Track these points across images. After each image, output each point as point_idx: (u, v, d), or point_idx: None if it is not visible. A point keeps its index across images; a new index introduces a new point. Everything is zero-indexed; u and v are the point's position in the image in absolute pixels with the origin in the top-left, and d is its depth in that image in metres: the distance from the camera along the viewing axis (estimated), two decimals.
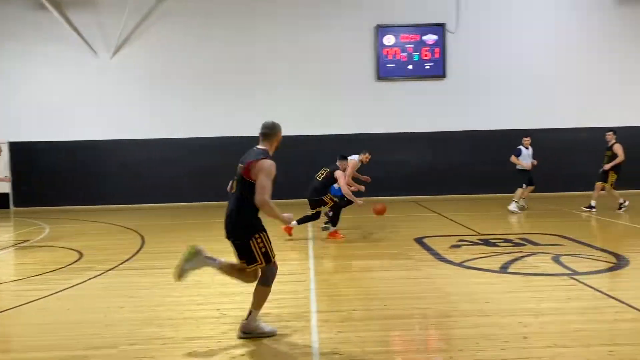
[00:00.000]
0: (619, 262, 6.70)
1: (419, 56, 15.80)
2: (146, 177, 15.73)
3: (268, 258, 4.34)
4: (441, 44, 15.74)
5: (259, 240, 4.29)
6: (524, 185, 12.19)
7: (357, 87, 15.94)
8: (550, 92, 15.87)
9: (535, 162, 12.41)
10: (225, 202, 4.53)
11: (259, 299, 4.41)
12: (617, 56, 15.91)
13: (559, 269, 6.41)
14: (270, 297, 4.49)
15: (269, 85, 15.79)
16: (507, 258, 7.08)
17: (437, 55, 15.78)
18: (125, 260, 7.65)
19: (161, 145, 15.79)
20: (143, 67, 15.79)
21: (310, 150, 15.44)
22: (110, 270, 7.07)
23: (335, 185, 9.03)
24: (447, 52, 15.83)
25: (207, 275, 6.30)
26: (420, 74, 15.87)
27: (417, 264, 6.95)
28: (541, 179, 13.68)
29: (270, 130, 4.55)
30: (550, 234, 8.86)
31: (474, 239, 8.68)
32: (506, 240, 8.42)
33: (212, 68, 15.81)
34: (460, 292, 5.58)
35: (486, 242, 8.30)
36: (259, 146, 4.51)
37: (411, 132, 15.92)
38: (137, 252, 8.35)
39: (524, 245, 8.01)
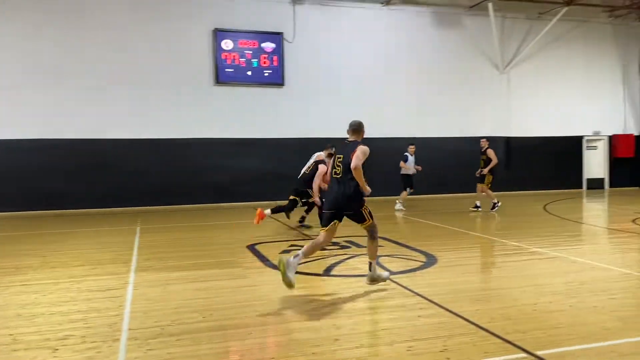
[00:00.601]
0: (428, 261, 7.29)
1: (258, 63, 15.87)
2: None
3: (372, 216, 5.81)
4: (279, 52, 16.00)
5: (366, 207, 5.81)
6: (407, 189, 13.45)
7: (195, 91, 15.52)
8: (377, 103, 16.99)
9: (419, 167, 13.52)
10: None
11: (372, 251, 5.86)
12: (438, 74, 17.62)
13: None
14: (77, 316, 4.13)
15: (102, 88, 14.78)
16: (332, 261, 7.32)
17: (275, 63, 15.99)
18: None
19: None
20: None
21: (144, 155, 14.76)
22: None
23: None
24: (285, 61, 16.13)
25: (3, 296, 5.55)
26: (259, 81, 15.95)
27: (244, 272, 6.86)
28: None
29: (358, 127, 6.07)
30: None
31: (304, 243, 8.83)
32: (334, 244, 8.71)
33: (43, 68, 14.35)
34: (282, 299, 5.58)
35: None
36: (350, 139, 5.97)
37: (251, 138, 15.93)
38: None
39: (349, 247, 8.37)
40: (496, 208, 12.88)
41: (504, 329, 4.45)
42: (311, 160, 10.78)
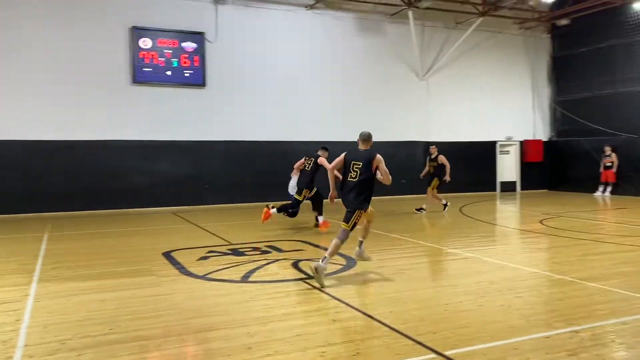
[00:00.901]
0: (348, 264, 7.33)
1: (178, 63, 15.42)
2: None
3: (354, 226, 6.65)
4: (201, 52, 15.62)
5: (359, 215, 6.61)
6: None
7: (111, 91, 14.82)
8: (301, 106, 17.00)
9: None
10: None
11: (366, 232, 7.10)
12: (360, 79, 17.90)
13: (295, 274, 6.71)
14: None
15: (13, 86, 13.88)
16: (250, 267, 7.17)
17: (196, 64, 15.60)
18: None
19: None
20: None
21: (55, 157, 13.95)
22: None
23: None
24: (207, 62, 15.78)
25: None
26: (180, 81, 15.50)
27: (158, 280, 6.57)
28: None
29: (368, 137, 6.94)
30: (295, 240, 9.35)
31: (224, 249, 8.65)
32: (255, 249, 8.58)
33: None
34: (196, 307, 5.39)
35: (235, 252, 8.34)
36: (362, 148, 6.86)
37: (170, 140, 15.44)
38: None
39: (270, 252, 8.26)
40: (446, 209, 13.65)
41: (417, 330, 4.51)
42: (302, 160, 10.87)
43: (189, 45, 15.51)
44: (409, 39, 18.16)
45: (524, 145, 20.92)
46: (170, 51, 15.31)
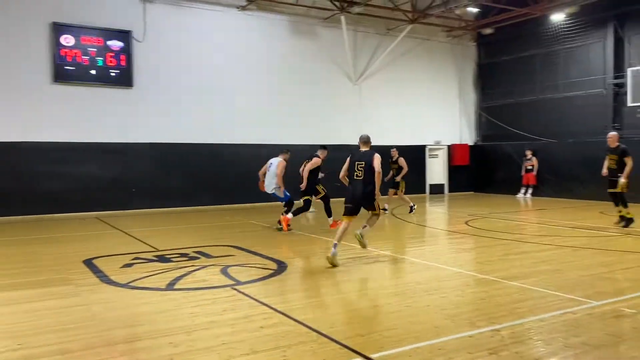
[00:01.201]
0: (279, 268, 7.23)
1: (104, 62, 14.77)
2: None
3: (379, 208, 7.61)
4: (128, 51, 15.04)
5: (380, 209, 7.64)
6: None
7: (30, 90, 13.97)
8: (233, 108, 16.75)
9: (323, 174, 13.94)
10: None
11: (373, 223, 7.81)
12: (294, 82, 17.86)
13: (224, 281, 6.53)
14: None
15: None
16: (177, 274, 6.92)
17: (123, 63, 15.01)
18: None
19: None
20: None
21: None
22: None
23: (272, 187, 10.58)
24: (135, 61, 15.22)
25: None
26: (105, 81, 14.85)
27: (76, 290, 6.20)
28: (223, 193, 14.37)
29: (368, 139, 7.87)
30: (225, 245, 9.15)
31: (150, 255, 8.31)
32: (182, 255, 8.31)
33: None
34: (118, 318, 5.12)
35: (161, 259, 8.03)
36: (363, 149, 7.77)
37: (94, 142, 14.75)
38: None
39: (198, 258, 8.02)
40: (413, 211, 14.02)
41: (344, 334, 4.49)
42: (275, 164, 11.16)
43: (115, 44, 14.89)
44: (342, 43, 18.34)
45: (452, 149, 21.64)
46: (95, 49, 14.64)
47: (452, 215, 14.88)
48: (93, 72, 14.64)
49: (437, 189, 21.49)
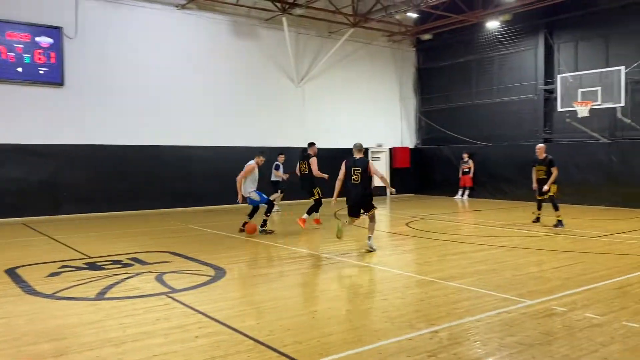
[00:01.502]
0: (217, 275, 7.01)
1: (31, 59, 13.98)
2: None
3: (374, 206, 8.65)
4: (58, 48, 14.31)
5: (375, 207, 8.68)
6: (279, 191, 14.86)
7: None
8: (171, 109, 16.28)
9: (287, 175, 14.65)
10: None
11: (372, 228, 8.69)
12: (236, 83, 17.59)
13: (158, 288, 6.26)
14: None
15: None
16: (109, 282, 6.57)
17: (53, 60, 14.28)
18: None
19: None
20: None
21: None
22: None
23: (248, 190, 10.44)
24: (66, 59, 14.51)
25: None
26: (32, 79, 14.06)
27: None
28: (163, 196, 13.93)
29: (361, 147, 8.64)
30: (162, 251, 8.82)
31: (79, 263, 7.88)
32: (115, 262, 7.93)
33: None
34: (41, 331, 4.77)
35: (92, 266, 7.63)
36: (357, 156, 8.58)
37: (22, 144, 13.94)
38: None
39: (132, 265, 7.67)
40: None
41: (283, 341, 4.37)
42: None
43: (44, 41, 14.13)
44: (284, 45, 18.23)
45: (393, 152, 21.97)
46: (22, 46, 13.84)
47: (394, 217, 15.06)
48: (19, 69, 13.84)
49: (379, 191, 21.62)
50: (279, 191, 15.04)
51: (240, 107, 17.69)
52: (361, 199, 8.49)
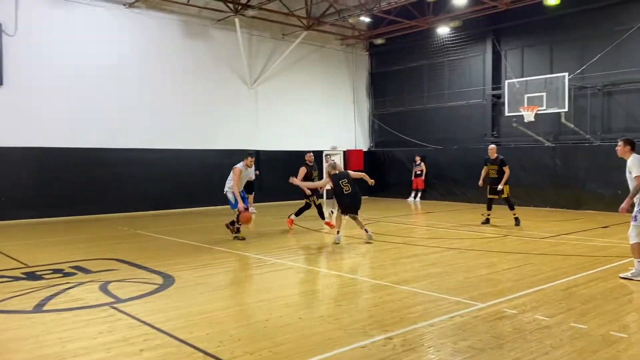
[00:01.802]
0: (165, 283, 6.76)
1: None
2: None
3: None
4: None
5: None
6: (253, 193, 15.02)
7: None
8: (118, 110, 15.75)
9: (257, 172, 15.27)
10: None
11: (361, 224, 10.43)
12: (187, 84, 17.19)
13: (102, 299, 5.96)
14: None
15: None
16: (48, 293, 6.22)
17: None
18: None
19: None
20: None
21: None
22: None
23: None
24: (5, 57, 13.79)
25: None
26: None
27: None
28: (111, 201, 13.43)
29: (336, 164, 10.78)
30: (108, 259, 8.46)
31: (17, 273, 7.44)
32: (56, 271, 7.52)
33: None
34: None
35: (31, 276, 7.22)
36: (338, 171, 10.43)
37: None
38: None
39: (74, 274, 7.30)
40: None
41: (232, 353, 4.21)
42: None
43: None
44: (237, 46, 17.97)
45: (347, 154, 22.04)
46: None
47: (348, 220, 15.03)
48: None
49: (332, 194, 21.69)
50: (252, 192, 15.06)
51: (191, 109, 17.32)
52: (357, 199, 10.25)
